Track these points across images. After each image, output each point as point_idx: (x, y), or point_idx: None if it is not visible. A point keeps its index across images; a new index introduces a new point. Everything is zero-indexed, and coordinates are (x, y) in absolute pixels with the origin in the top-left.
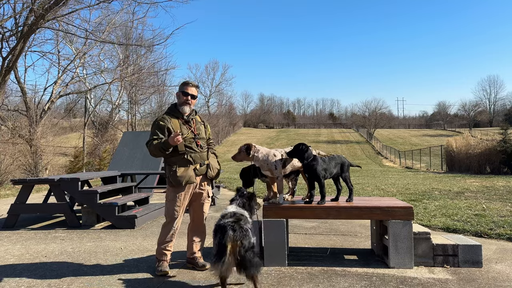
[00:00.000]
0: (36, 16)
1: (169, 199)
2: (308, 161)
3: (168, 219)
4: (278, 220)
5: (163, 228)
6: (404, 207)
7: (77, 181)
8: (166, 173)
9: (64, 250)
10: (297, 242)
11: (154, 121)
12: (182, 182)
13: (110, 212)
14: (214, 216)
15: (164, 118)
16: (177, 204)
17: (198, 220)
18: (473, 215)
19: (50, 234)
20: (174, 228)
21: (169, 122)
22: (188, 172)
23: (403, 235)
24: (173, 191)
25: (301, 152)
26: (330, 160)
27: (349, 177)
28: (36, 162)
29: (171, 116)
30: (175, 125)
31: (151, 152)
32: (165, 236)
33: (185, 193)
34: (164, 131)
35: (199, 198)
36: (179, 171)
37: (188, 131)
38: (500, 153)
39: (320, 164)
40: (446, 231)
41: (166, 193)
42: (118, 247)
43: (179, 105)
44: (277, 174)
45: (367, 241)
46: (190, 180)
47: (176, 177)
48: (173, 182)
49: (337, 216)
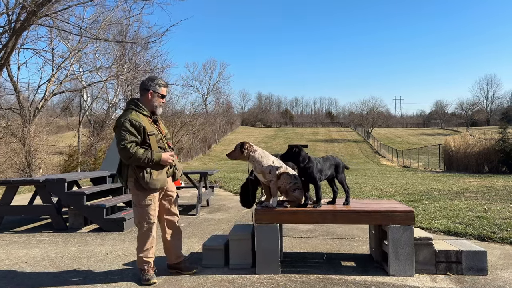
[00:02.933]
0: (27, 12)
1: (142, 204)
2: (304, 164)
3: (145, 226)
4: (271, 225)
5: (140, 237)
6: (405, 211)
7: (63, 182)
8: (130, 176)
9: (46, 256)
10: (291, 246)
11: (125, 118)
12: (158, 186)
13: (97, 214)
14: (207, 218)
15: (137, 116)
16: (152, 208)
17: (172, 225)
18: (474, 217)
19: (35, 237)
20: (152, 234)
21: (142, 121)
22: (163, 175)
23: (403, 241)
24: (145, 195)
25: (295, 155)
26: (324, 161)
27: (345, 179)
28: (29, 161)
29: (139, 113)
30: (147, 124)
31: (129, 159)
32: (144, 244)
33: (156, 195)
34: (140, 132)
35: (169, 202)
36: (154, 174)
37: (158, 131)
38: (498, 152)
39: (315, 166)
40: (447, 234)
41: (134, 199)
42: (104, 252)
43: (154, 106)
44: (270, 178)
45: (365, 245)
46: (164, 183)
47: (152, 180)
48: (147, 186)
49: (333, 220)
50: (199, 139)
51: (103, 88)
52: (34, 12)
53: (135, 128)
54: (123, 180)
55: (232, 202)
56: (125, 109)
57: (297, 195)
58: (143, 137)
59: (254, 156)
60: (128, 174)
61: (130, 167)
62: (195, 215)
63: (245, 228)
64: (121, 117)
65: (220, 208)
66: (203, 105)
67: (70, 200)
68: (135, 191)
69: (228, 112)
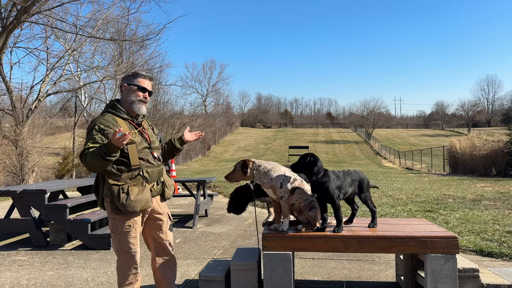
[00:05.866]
0: (18, 10)
1: (119, 231)
2: (318, 177)
3: (125, 257)
4: (283, 253)
5: (119, 269)
6: (446, 237)
7: (43, 194)
8: (106, 196)
9: (17, 282)
10: (303, 272)
11: (93, 124)
12: (137, 208)
13: (81, 230)
14: (205, 232)
15: (107, 120)
16: (132, 235)
17: (162, 252)
18: (505, 233)
19: (9, 256)
20: (135, 266)
21: (115, 125)
22: (145, 194)
23: (445, 274)
24: (123, 220)
25: (310, 165)
26: (345, 176)
27: (370, 198)
28: (22, 164)
29: (116, 116)
30: (125, 128)
31: (88, 165)
32: (125, 279)
33: (138, 219)
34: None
35: (157, 226)
36: (133, 193)
37: (141, 138)
38: (507, 154)
39: (333, 180)
40: (480, 254)
41: (110, 224)
42: (85, 278)
43: (130, 103)
44: (282, 194)
45: (388, 270)
46: (146, 204)
47: (129, 201)
48: (124, 209)
49: (359, 248)
50: (198, 140)
51: (99, 88)
52: (25, 9)
53: (103, 135)
54: (99, 200)
55: None
56: (102, 111)
57: (312, 215)
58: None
59: (259, 171)
60: (104, 193)
61: (105, 185)
62: (192, 227)
63: (250, 253)
64: (92, 121)
65: (220, 219)
66: (202, 105)
67: (51, 213)
68: (111, 215)
69: (227, 113)
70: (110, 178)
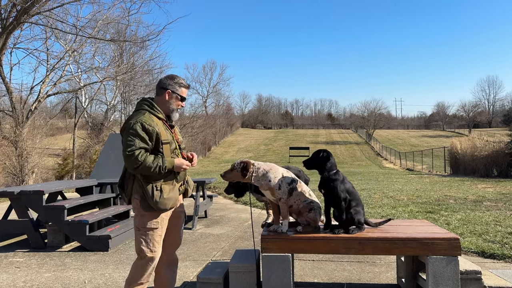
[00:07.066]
0: (17, 11)
1: (147, 227)
2: (330, 174)
3: (148, 255)
4: (282, 255)
5: (136, 267)
6: (448, 238)
7: (40, 195)
8: (136, 193)
9: (14, 284)
10: (303, 274)
11: (136, 120)
12: (168, 206)
13: (79, 231)
14: (204, 233)
15: (150, 119)
16: (158, 233)
17: (171, 253)
18: (507, 234)
19: (7, 258)
20: (152, 266)
21: (156, 125)
22: (175, 193)
23: (446, 276)
24: (152, 217)
25: (323, 161)
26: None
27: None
28: (21, 165)
29: (154, 116)
30: (162, 130)
31: (136, 169)
32: (139, 277)
33: (166, 217)
34: (152, 138)
35: (176, 224)
36: (165, 191)
37: (174, 139)
38: (508, 155)
39: (343, 181)
40: (482, 256)
41: (137, 221)
42: (82, 280)
43: (171, 110)
44: (280, 195)
45: (389, 272)
46: (175, 202)
47: (162, 199)
48: (156, 206)
49: (360, 250)
50: (199, 141)
51: (99, 89)
52: (25, 10)
53: (146, 133)
54: (126, 196)
55: (233, 212)
56: (137, 109)
57: (312, 216)
58: (155, 144)
59: (258, 173)
60: (132, 189)
61: (136, 181)
62: (191, 229)
63: (248, 255)
64: (131, 119)
65: (220, 220)
66: (203, 106)
67: (49, 214)
68: (140, 211)
69: (228, 114)
70: (143, 177)
